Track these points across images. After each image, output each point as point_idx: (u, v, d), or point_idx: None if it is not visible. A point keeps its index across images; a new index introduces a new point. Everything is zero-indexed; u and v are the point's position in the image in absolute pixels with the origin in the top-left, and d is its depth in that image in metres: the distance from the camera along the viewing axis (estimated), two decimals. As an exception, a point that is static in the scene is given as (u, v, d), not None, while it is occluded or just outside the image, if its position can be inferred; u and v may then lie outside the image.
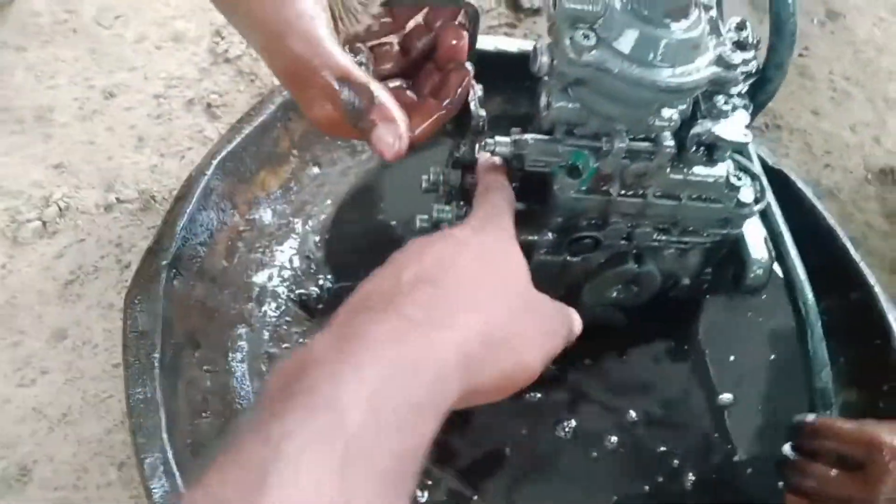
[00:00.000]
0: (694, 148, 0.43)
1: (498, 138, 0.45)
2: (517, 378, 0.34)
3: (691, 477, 0.53)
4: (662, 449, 0.54)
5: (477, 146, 0.49)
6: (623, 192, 0.45)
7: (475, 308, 0.33)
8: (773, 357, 0.61)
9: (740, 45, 0.44)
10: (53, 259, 0.64)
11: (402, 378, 0.27)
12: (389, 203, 0.65)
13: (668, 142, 0.42)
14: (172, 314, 0.49)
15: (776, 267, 0.52)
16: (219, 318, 0.54)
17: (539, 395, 0.54)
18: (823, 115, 0.86)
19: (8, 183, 0.68)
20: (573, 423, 0.54)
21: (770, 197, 0.52)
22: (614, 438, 0.54)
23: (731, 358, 0.60)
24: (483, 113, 0.50)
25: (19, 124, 0.71)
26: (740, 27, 0.48)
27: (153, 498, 0.40)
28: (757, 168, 0.53)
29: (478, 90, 0.50)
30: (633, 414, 0.55)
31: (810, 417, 0.48)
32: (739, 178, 0.46)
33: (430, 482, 0.50)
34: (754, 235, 0.51)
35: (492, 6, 0.87)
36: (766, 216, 0.52)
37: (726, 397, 0.57)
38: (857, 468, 0.43)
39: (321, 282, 0.60)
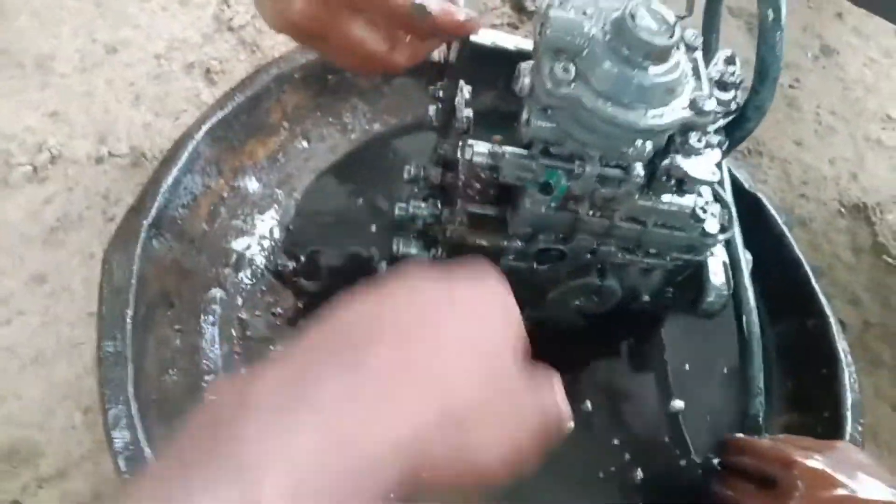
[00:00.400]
0: (664, 178, 0.45)
1: (477, 145, 0.47)
2: (484, 472, 0.28)
3: (640, 473, 0.56)
4: (615, 442, 0.57)
5: (459, 146, 0.51)
6: (591, 212, 0.47)
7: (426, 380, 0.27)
8: (725, 370, 0.63)
9: (721, 84, 0.46)
10: (41, 204, 0.66)
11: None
12: (372, 184, 0.66)
13: (639, 171, 0.44)
14: (149, 272, 0.51)
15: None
16: (194, 280, 0.56)
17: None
18: (806, 147, 0.88)
19: (1, 125, 0.69)
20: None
21: (735, 226, 0.54)
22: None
23: (686, 367, 0.62)
24: (469, 113, 0.51)
25: (19, 69, 0.72)
26: (729, 61, 0.49)
27: (114, 447, 0.42)
28: (728, 195, 0.55)
29: (465, 91, 0.52)
30: (588, 405, 0.58)
31: (738, 436, 0.52)
32: (705, 211, 0.48)
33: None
34: (716, 262, 0.53)
35: (496, 5, 0.88)
36: (728, 243, 0.55)
37: (678, 403, 0.60)
38: (773, 484, 0.47)
39: (298, 254, 0.62)
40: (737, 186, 0.63)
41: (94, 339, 0.60)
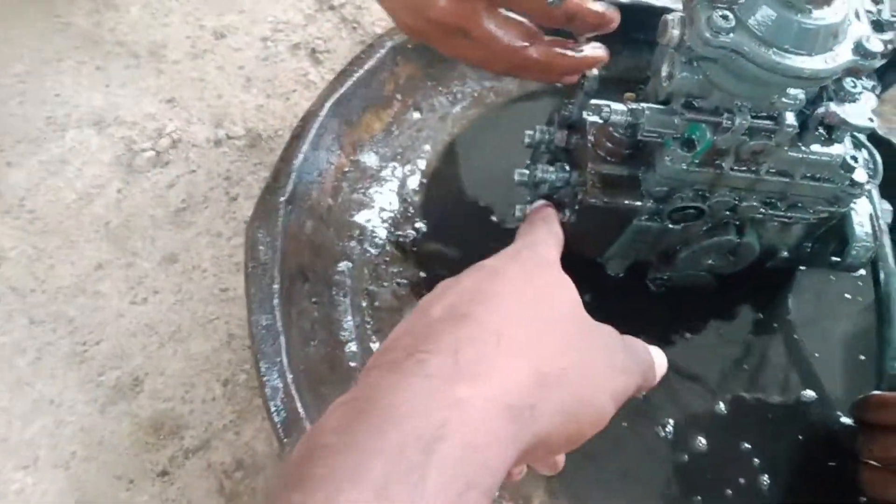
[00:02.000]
0: (816, 127, 0.43)
1: (613, 105, 0.46)
2: (586, 422, 0.29)
3: (766, 479, 0.52)
4: (746, 447, 0.53)
5: (586, 108, 0.50)
6: (735, 166, 0.46)
7: (520, 343, 0.28)
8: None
9: (876, 25, 0.43)
10: (166, 188, 0.68)
11: (418, 466, 0.22)
12: (487, 153, 0.66)
13: (791, 121, 0.42)
14: (287, 248, 0.52)
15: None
16: (324, 254, 0.57)
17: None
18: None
19: (123, 113, 0.72)
20: (671, 421, 0.53)
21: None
22: (704, 441, 0.52)
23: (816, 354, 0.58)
24: (595, 72, 0.50)
25: (134, 59, 0.75)
26: (876, 1, 0.47)
27: (273, 419, 0.43)
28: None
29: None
30: (722, 406, 0.54)
31: (879, 392, 0.50)
32: (855, 159, 0.46)
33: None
34: (860, 213, 0.51)
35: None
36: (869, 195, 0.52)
37: (809, 394, 0.56)
38: None
39: (417, 224, 0.62)
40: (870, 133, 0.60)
41: (226, 314, 0.63)
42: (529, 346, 0.28)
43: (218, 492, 0.55)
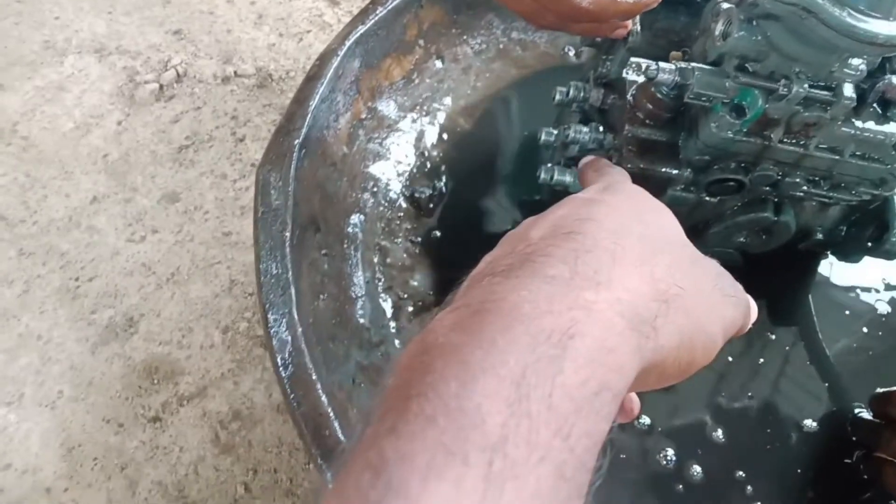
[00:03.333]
0: (876, 102, 0.41)
1: (661, 64, 0.43)
2: (699, 349, 0.27)
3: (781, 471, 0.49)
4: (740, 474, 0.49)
5: (627, 65, 0.47)
6: (784, 139, 0.43)
7: (634, 260, 0.26)
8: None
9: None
10: (169, 123, 0.65)
11: (554, 359, 0.21)
12: (510, 110, 0.63)
13: (850, 93, 0.40)
14: (300, 194, 0.49)
15: None
16: (337, 205, 0.54)
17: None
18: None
19: (126, 42, 0.68)
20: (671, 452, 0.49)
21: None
22: (699, 469, 0.49)
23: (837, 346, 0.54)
24: (638, 28, 0.47)
25: (141, -19, 0.71)
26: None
27: (280, 374, 0.41)
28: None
29: None
30: (740, 393, 0.51)
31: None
32: (909, 141, 0.43)
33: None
34: (903, 197, 0.49)
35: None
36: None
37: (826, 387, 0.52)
38: None
39: (434, 181, 0.59)
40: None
41: (229, 259, 0.60)
42: (642, 263, 0.26)
43: (212, 442, 0.53)
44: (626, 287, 0.24)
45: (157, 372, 0.56)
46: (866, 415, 0.49)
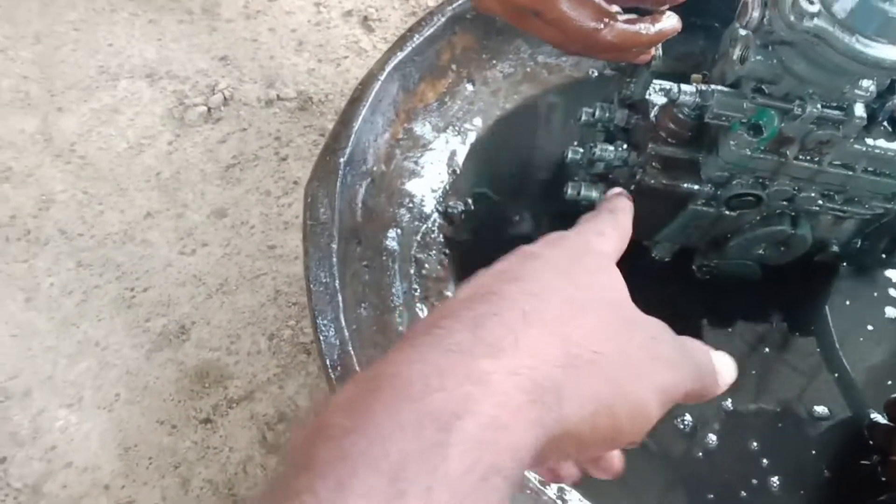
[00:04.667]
0: (885, 121, 0.43)
1: (683, 86, 0.46)
2: (623, 417, 0.25)
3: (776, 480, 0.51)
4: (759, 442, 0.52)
5: (650, 87, 0.50)
6: (799, 156, 0.46)
7: (549, 322, 0.25)
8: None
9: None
10: (217, 143, 0.69)
11: (438, 446, 0.20)
12: (537, 130, 0.67)
13: (860, 112, 0.43)
14: (344, 209, 0.52)
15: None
16: (376, 219, 0.58)
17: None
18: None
19: (175, 67, 0.73)
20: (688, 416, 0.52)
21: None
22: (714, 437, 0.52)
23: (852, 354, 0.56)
24: (661, 53, 0.51)
25: (188, 14, 0.75)
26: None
27: (330, 375, 0.44)
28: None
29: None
30: (749, 400, 0.54)
31: None
32: (918, 157, 0.46)
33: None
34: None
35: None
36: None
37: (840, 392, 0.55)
38: None
39: (465, 197, 0.63)
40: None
41: (274, 270, 0.64)
42: (559, 325, 0.25)
43: (260, 442, 0.56)
44: (531, 353, 0.23)
45: (208, 377, 0.60)
46: (882, 420, 0.51)
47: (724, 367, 0.31)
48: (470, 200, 0.63)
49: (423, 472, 0.19)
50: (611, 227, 0.34)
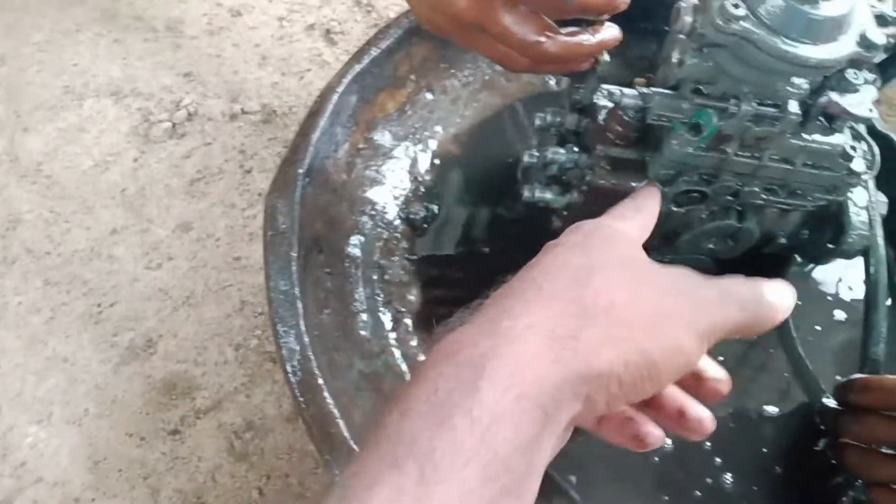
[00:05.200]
0: (818, 116, 0.45)
1: (625, 90, 0.48)
2: (656, 355, 0.28)
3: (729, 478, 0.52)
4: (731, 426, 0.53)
5: (597, 91, 0.52)
6: (739, 152, 0.48)
7: (563, 287, 0.29)
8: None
9: (880, 19, 0.45)
10: (181, 158, 0.70)
11: (474, 378, 0.26)
12: (496, 136, 0.68)
13: (794, 109, 0.44)
14: (304, 219, 0.54)
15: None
16: (337, 227, 0.59)
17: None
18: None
19: (140, 85, 0.74)
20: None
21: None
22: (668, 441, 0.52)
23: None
24: (608, 58, 0.52)
25: (152, 32, 0.76)
26: (880, -6, 0.49)
27: (290, 380, 0.45)
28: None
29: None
30: None
31: (861, 375, 0.52)
32: (854, 149, 0.48)
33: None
34: (857, 202, 0.53)
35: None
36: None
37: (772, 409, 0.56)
38: None
39: (427, 203, 0.64)
40: (869, 127, 0.62)
41: (239, 281, 0.64)
42: (572, 287, 0.29)
43: (228, 451, 0.57)
44: (546, 310, 0.28)
45: (176, 388, 0.61)
46: (832, 404, 0.53)
47: (779, 297, 0.33)
48: (432, 206, 0.64)
49: (465, 399, 0.25)
50: (631, 210, 0.39)
